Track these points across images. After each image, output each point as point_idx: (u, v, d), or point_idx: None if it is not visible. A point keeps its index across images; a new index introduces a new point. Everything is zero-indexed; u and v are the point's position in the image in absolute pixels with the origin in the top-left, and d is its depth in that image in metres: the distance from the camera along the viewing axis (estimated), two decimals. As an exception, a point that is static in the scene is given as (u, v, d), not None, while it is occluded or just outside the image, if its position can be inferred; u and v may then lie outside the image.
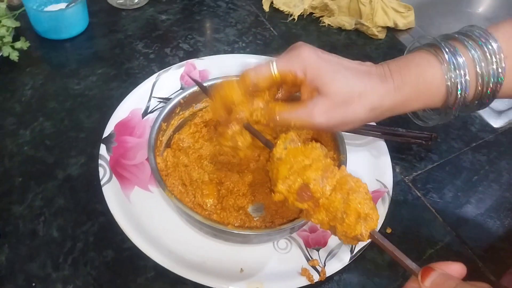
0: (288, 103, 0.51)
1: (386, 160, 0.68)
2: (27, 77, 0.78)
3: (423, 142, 0.71)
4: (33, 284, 0.56)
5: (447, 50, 0.49)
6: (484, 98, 0.51)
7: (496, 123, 0.78)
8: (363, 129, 0.71)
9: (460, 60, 0.49)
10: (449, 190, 0.69)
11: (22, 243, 0.59)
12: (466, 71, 0.49)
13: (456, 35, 0.51)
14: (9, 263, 0.57)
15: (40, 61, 0.81)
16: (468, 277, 0.61)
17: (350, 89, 0.49)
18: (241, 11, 0.94)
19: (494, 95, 0.51)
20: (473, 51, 0.49)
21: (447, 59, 0.49)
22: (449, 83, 0.49)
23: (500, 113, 0.79)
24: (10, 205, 0.62)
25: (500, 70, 0.49)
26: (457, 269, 0.41)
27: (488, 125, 0.78)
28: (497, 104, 0.80)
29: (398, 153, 0.72)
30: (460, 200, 0.68)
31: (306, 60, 0.49)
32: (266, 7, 0.95)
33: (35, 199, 0.63)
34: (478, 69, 0.49)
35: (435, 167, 0.72)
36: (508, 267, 0.59)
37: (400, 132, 0.71)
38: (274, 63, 0.50)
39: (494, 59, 0.49)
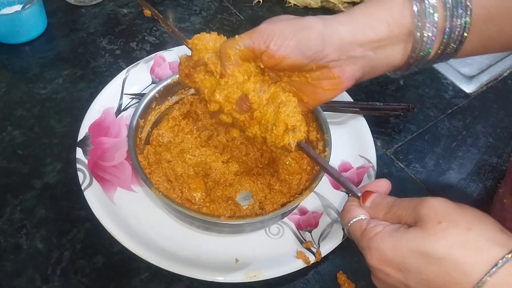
0: None
1: (367, 135, 0.68)
2: (-12, 86, 0.74)
3: (401, 114, 0.71)
4: (24, 300, 0.54)
5: None
6: (446, 53, 0.49)
7: (468, 88, 0.79)
8: (341, 107, 0.71)
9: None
10: (430, 159, 0.70)
11: (6, 259, 0.56)
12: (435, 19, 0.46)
13: None
14: (-5, 281, 0.55)
15: (0, 68, 0.77)
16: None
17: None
18: (204, -2, 0.92)
19: (458, 48, 0.48)
20: None
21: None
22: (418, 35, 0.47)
23: (471, 78, 0.81)
24: (-12, 221, 0.59)
25: (467, 20, 0.46)
26: (383, 184, 0.46)
27: (461, 91, 0.79)
28: (467, 69, 0.82)
29: (377, 127, 0.72)
30: (442, 167, 0.69)
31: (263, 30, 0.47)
32: (229, -8, 0.93)
33: (14, 212, 0.60)
34: (447, 18, 0.46)
35: (415, 137, 0.73)
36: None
37: (378, 106, 0.71)
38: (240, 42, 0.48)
39: (462, 6, 0.46)
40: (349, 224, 0.44)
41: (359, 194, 0.45)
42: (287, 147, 0.48)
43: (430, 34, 0.46)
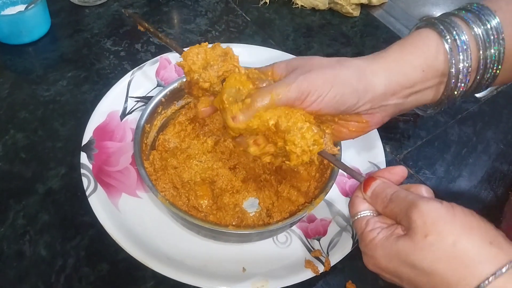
0: None
1: (376, 141, 0.67)
2: (-9, 87, 0.73)
3: (411, 119, 0.70)
4: (27, 309, 0.53)
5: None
6: (480, 87, 0.49)
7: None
8: (349, 112, 0.69)
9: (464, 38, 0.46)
10: (440, 166, 0.69)
11: (9, 266, 0.55)
12: (469, 54, 0.46)
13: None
14: (-3, 289, 0.54)
15: (3, 69, 0.76)
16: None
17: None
18: (210, -1, 0.91)
19: (490, 83, 0.48)
20: (476, 29, 0.46)
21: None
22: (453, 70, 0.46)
23: (481, 82, 0.79)
24: (-9, 226, 0.58)
25: (501, 52, 0.46)
26: (398, 171, 0.44)
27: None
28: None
29: (386, 132, 0.71)
30: (453, 174, 0.68)
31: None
32: (235, -8, 0.91)
33: (17, 217, 0.59)
34: (481, 53, 0.46)
35: (424, 143, 0.71)
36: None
37: (387, 111, 0.70)
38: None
39: (494, 40, 0.46)
40: (352, 220, 0.45)
41: (362, 180, 0.45)
42: (311, 161, 0.47)
43: (465, 70, 0.46)
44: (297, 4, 0.90)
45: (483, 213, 0.64)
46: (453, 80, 0.47)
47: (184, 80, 0.62)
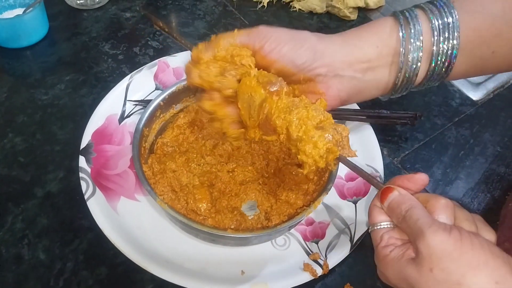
0: None
1: (374, 144, 0.67)
2: (-11, 91, 0.73)
3: (408, 122, 0.70)
4: (25, 313, 0.53)
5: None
6: (434, 78, 0.51)
7: (475, 95, 0.78)
8: (347, 114, 0.70)
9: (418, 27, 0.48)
10: (437, 168, 0.69)
11: (8, 270, 0.55)
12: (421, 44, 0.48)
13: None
14: (-4, 293, 0.54)
15: (1, 72, 0.76)
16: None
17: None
18: (208, 2, 0.91)
19: (446, 74, 0.50)
20: (434, 21, 0.48)
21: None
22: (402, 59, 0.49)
23: (478, 85, 0.80)
24: (-11, 230, 0.58)
25: (455, 44, 0.48)
26: (418, 179, 0.43)
27: (468, 98, 0.78)
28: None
29: (383, 135, 0.71)
30: (450, 176, 0.68)
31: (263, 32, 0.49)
32: (233, -4, 0.92)
33: (16, 221, 0.59)
34: (435, 44, 0.48)
35: (421, 146, 0.72)
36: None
37: (385, 114, 0.70)
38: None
39: (449, 33, 0.48)
40: (370, 230, 0.45)
41: (381, 189, 0.44)
42: (328, 168, 0.47)
43: (415, 58, 0.48)
44: (295, 7, 0.90)
45: (482, 216, 0.64)
46: (404, 64, 0.49)
47: (183, 84, 0.63)
